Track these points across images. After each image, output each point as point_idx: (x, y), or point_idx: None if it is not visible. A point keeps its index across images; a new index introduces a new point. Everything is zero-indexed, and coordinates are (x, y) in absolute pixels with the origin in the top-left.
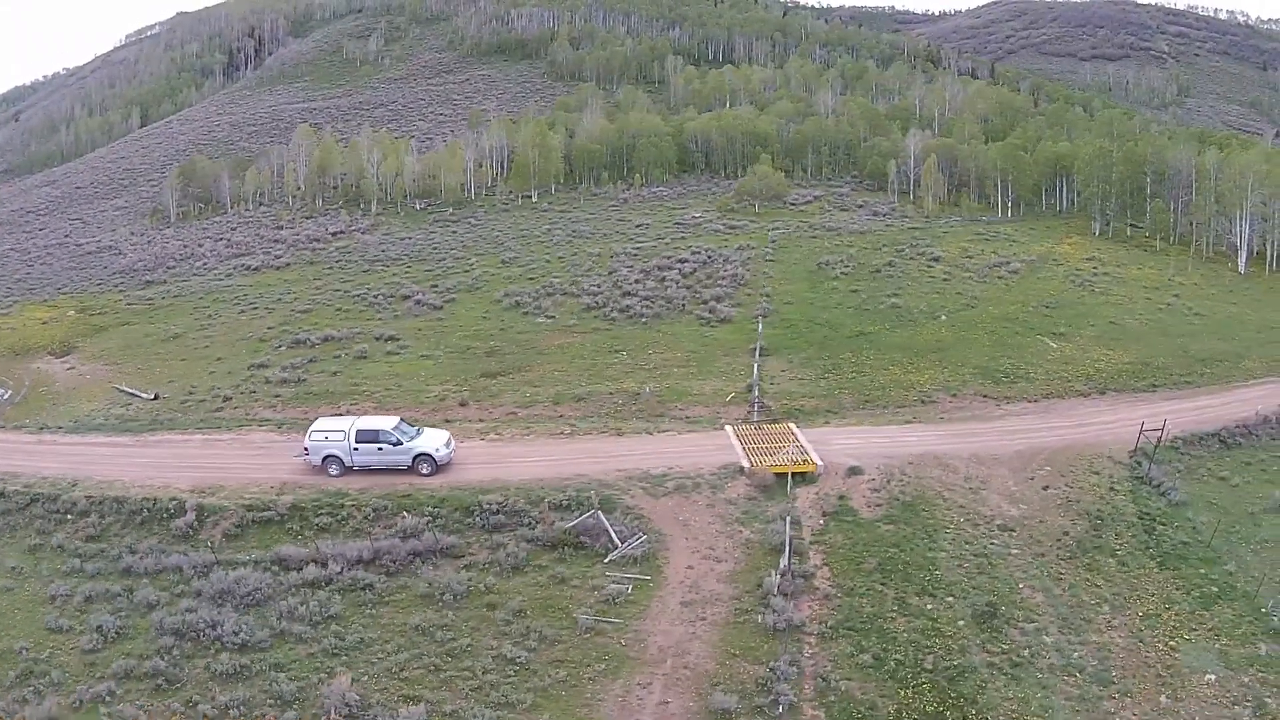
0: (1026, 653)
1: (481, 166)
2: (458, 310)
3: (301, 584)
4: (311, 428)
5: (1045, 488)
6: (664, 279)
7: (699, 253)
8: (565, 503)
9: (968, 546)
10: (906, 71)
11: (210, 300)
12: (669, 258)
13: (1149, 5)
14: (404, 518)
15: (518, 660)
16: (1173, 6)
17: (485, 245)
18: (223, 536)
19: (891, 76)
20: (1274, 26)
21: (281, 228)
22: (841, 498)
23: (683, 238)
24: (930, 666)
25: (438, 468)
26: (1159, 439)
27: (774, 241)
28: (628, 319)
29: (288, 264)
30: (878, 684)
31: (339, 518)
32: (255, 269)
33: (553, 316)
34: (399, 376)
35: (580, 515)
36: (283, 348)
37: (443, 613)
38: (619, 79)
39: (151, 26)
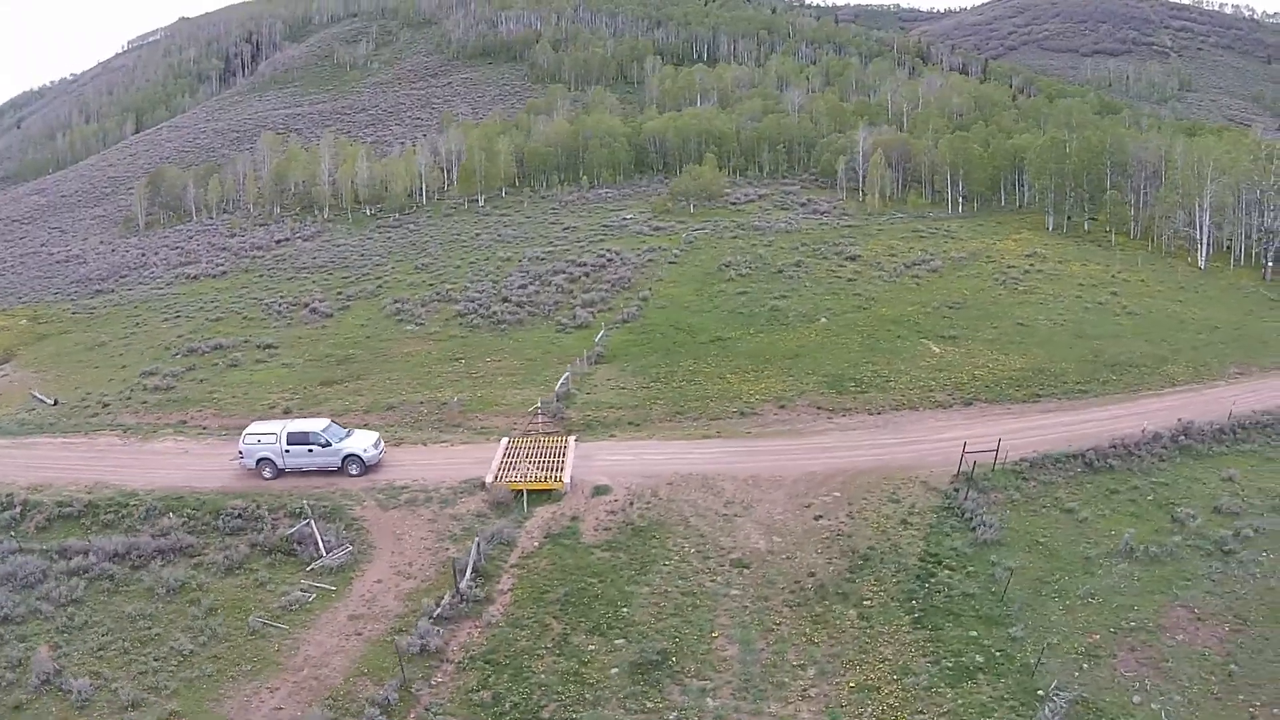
0: (674, 716)
1: (438, 171)
2: (345, 318)
3: (65, 571)
4: (245, 431)
5: (818, 517)
6: (550, 283)
7: (604, 256)
8: (299, 510)
9: (680, 583)
10: (887, 68)
11: (143, 309)
12: (570, 261)
13: (1153, 1)
14: (168, 518)
15: (184, 652)
16: (1177, 1)
17: (409, 251)
18: (35, 528)
19: (871, 73)
20: (1278, 21)
21: (233, 235)
22: (574, 519)
23: (601, 240)
24: (548, 715)
25: (366, 468)
26: (995, 461)
27: (690, 242)
28: (490, 325)
29: (225, 272)
30: None
31: (121, 515)
32: (195, 277)
33: (422, 324)
34: (252, 385)
35: (300, 523)
36: (178, 355)
37: (155, 604)
38: (597, 80)
39: (154, 33)
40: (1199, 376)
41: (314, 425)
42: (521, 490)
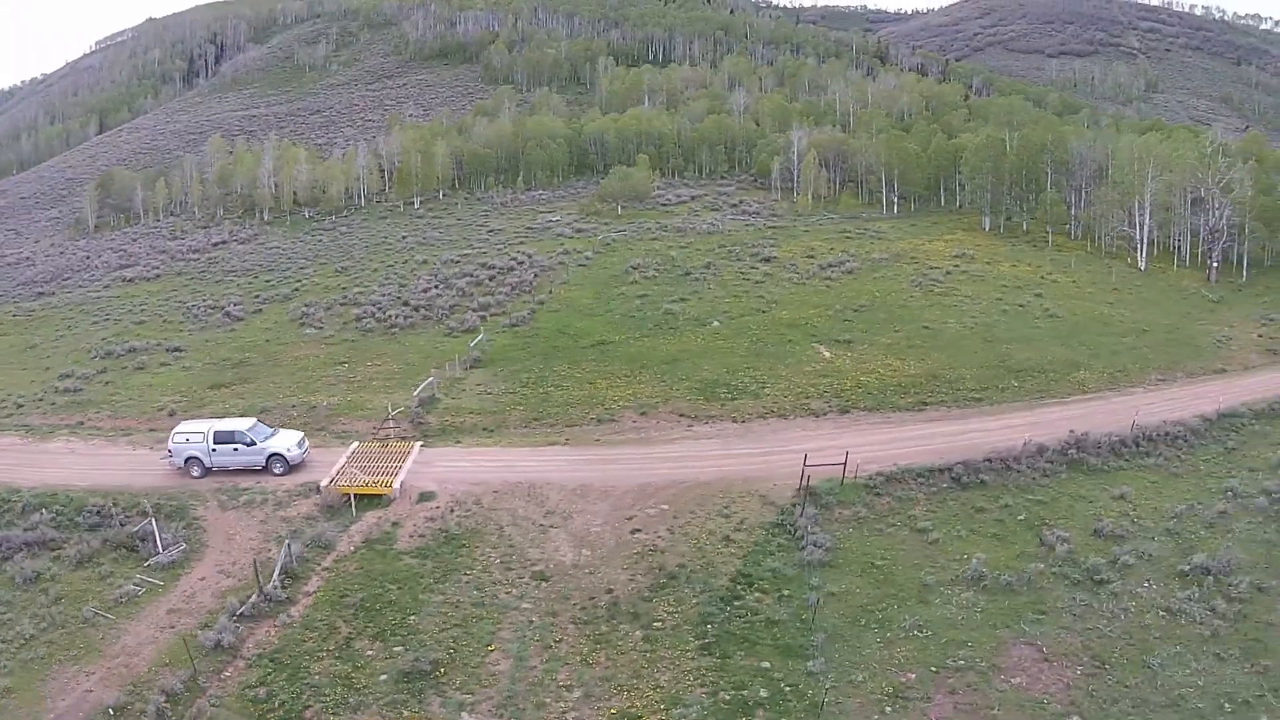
0: None
1: (378, 173)
2: (254, 322)
3: None
4: (174, 431)
5: (635, 531)
6: (453, 287)
7: (515, 259)
8: (149, 509)
9: (475, 593)
10: (841, 69)
11: (77, 312)
12: (481, 265)
13: (1121, 2)
14: (40, 514)
15: (26, 636)
16: (1145, 2)
17: (334, 254)
18: None
19: (825, 73)
20: (1250, 22)
21: (175, 238)
22: (395, 525)
23: (521, 243)
24: (310, 715)
25: (290, 467)
26: (843, 474)
27: (607, 244)
28: (383, 330)
29: (159, 275)
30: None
31: (3, 510)
32: (131, 280)
33: (321, 328)
34: (149, 388)
35: (143, 521)
36: (95, 358)
37: (12, 592)
38: (549, 81)
39: (122, 33)
40: (1114, 383)
41: (240, 425)
42: (351, 495)
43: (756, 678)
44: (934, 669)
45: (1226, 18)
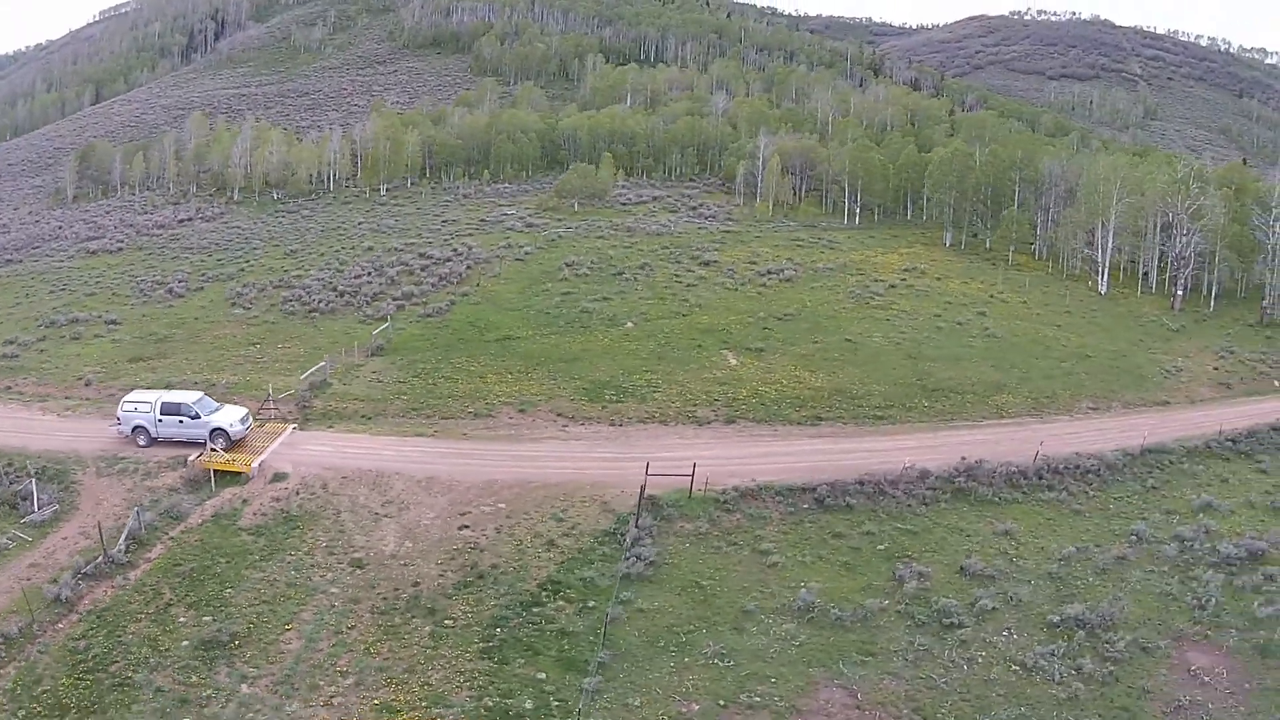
0: (207, 694)
1: (350, 159)
2: (192, 300)
3: None
4: (123, 400)
5: (463, 527)
6: (384, 274)
7: (457, 250)
8: (35, 471)
9: (293, 573)
10: (830, 77)
11: (38, 281)
12: (421, 254)
13: (1126, 28)
14: None
15: None
16: (1151, 30)
17: (289, 237)
18: None
19: (813, 81)
20: (1255, 55)
21: (145, 213)
22: (245, 502)
23: (469, 235)
24: (114, 669)
25: (232, 442)
26: (690, 487)
27: (552, 240)
28: (304, 313)
29: (122, 249)
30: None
31: None
32: (95, 253)
33: (249, 308)
34: (77, 358)
35: (27, 481)
36: (41, 326)
37: None
38: (537, 75)
39: (125, 3)
40: (1038, 409)
41: (186, 397)
42: (213, 470)
43: (527, 688)
44: (723, 703)
45: (1232, 50)
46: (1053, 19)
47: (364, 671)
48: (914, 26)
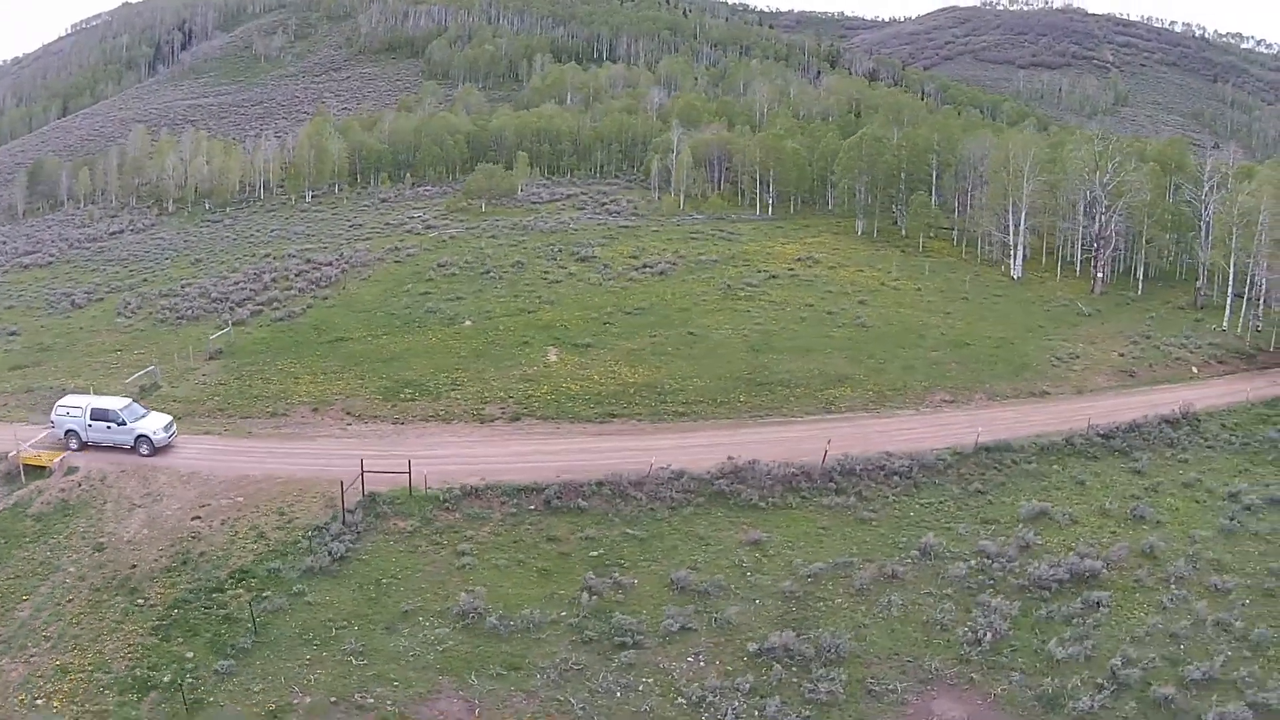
0: None
1: (281, 166)
2: (88, 311)
3: None
4: (57, 404)
5: (196, 518)
6: (260, 280)
7: (342, 254)
8: None
9: (48, 554)
10: (779, 70)
11: None
12: (306, 259)
13: (1098, 15)
14: None
15: None
16: (1124, 17)
17: (201, 247)
18: None
19: (759, 73)
20: (1230, 40)
21: (82, 227)
22: (40, 491)
23: (366, 239)
24: None
25: (155, 449)
26: (409, 484)
27: (442, 241)
28: (173, 320)
29: (52, 262)
30: None
31: None
32: (27, 267)
33: (129, 318)
34: None
35: None
36: None
37: None
38: (486, 76)
39: (97, 17)
40: (880, 403)
41: (114, 404)
42: (21, 465)
43: (173, 663)
44: (335, 699)
45: (1207, 35)
46: (1024, 9)
47: (62, 638)
48: (886, 20)
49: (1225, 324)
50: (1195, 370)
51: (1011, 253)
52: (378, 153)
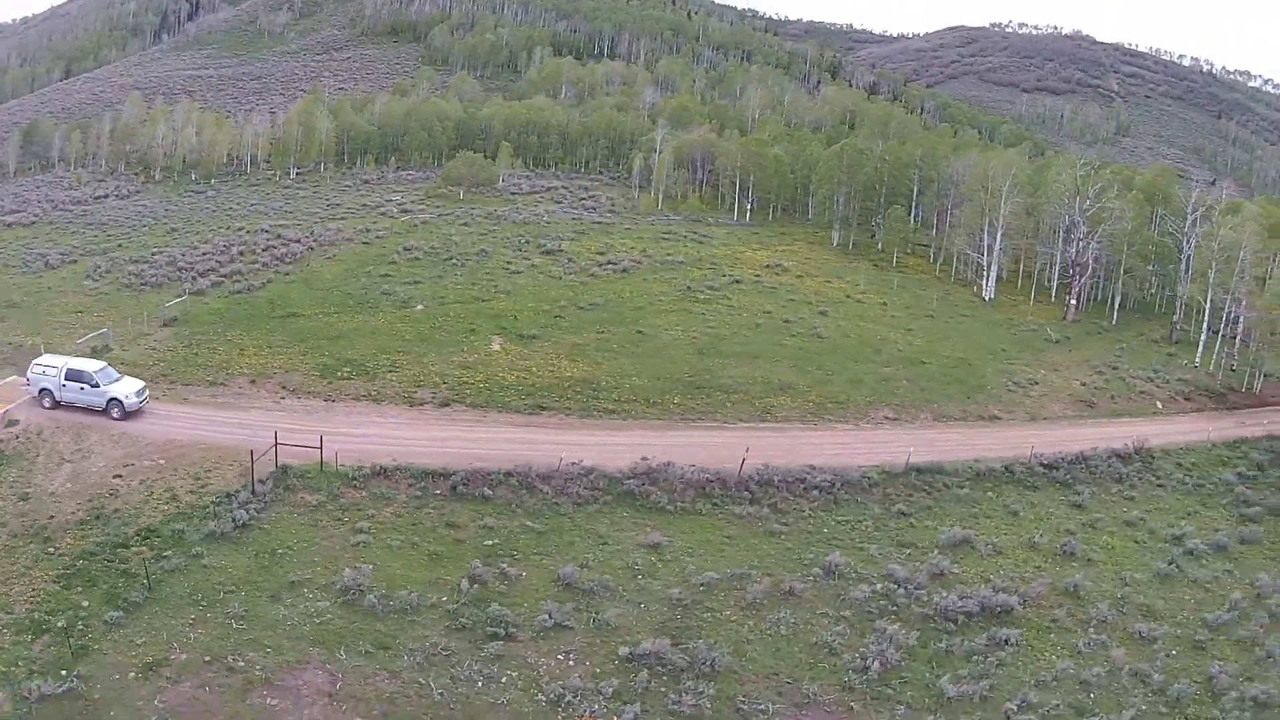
0: None
1: (270, 142)
2: (60, 272)
3: None
4: (34, 362)
5: (118, 476)
6: (227, 253)
7: (311, 232)
8: None
9: None
10: (774, 76)
11: None
12: (278, 235)
13: (1106, 44)
14: None
15: None
16: (1132, 48)
17: (179, 216)
18: None
19: (755, 79)
20: (1238, 77)
21: (68, 190)
22: None
23: (342, 219)
24: None
25: (126, 413)
26: (320, 460)
27: (415, 226)
28: (136, 286)
29: (35, 222)
30: None
31: None
32: (10, 225)
33: (96, 281)
34: None
35: None
36: None
37: None
38: (485, 65)
39: None
40: (817, 415)
41: (89, 366)
42: None
43: (69, 610)
44: (208, 659)
45: (1214, 71)
46: (1032, 32)
47: None
48: (894, 35)
49: (1198, 360)
50: (1160, 405)
51: (985, 273)
52: (366, 134)
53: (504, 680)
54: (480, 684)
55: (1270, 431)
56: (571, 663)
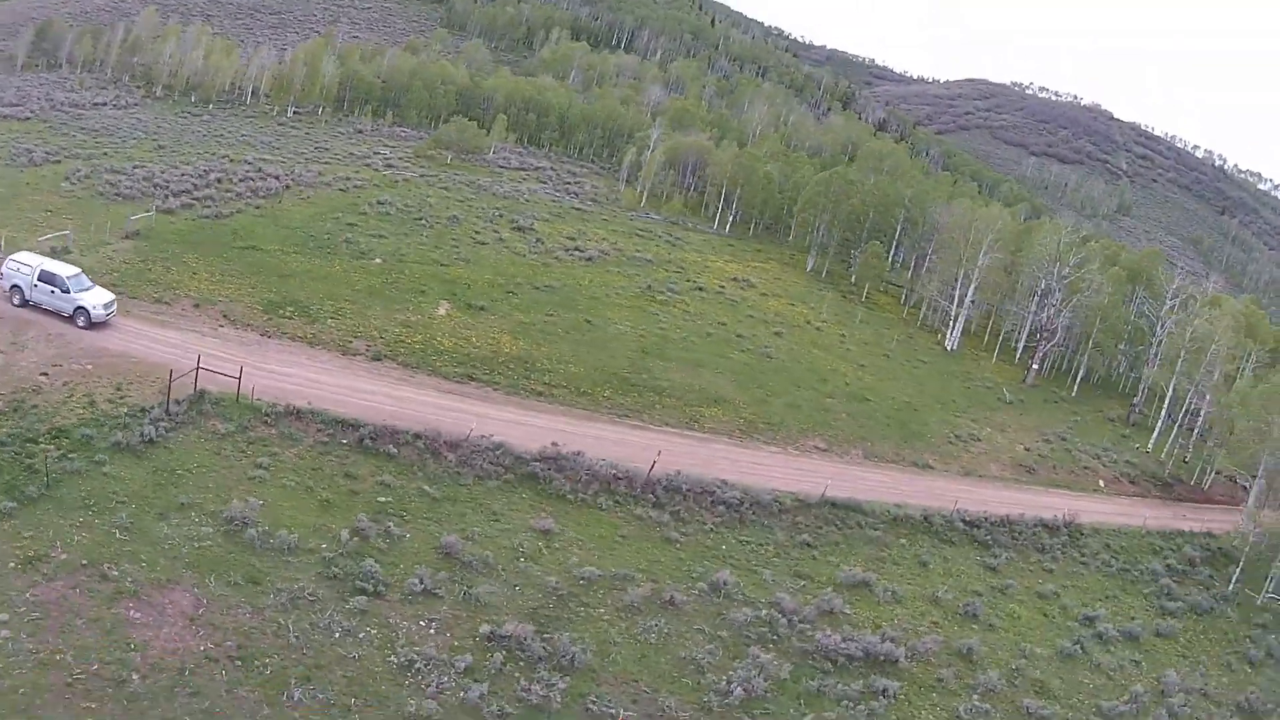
0: None
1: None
2: (41, 169)
3: None
4: (10, 257)
5: (44, 374)
6: (205, 179)
7: (299, 173)
8: None
9: None
10: (782, 96)
11: None
12: (258, 170)
13: (1124, 122)
14: None
15: None
16: (1148, 129)
17: (169, 135)
18: None
19: (764, 95)
20: (1249, 177)
21: (69, 92)
22: None
23: (327, 164)
24: None
25: (93, 323)
26: (238, 392)
27: (395, 182)
28: (109, 196)
29: (30, 118)
30: None
31: None
32: (6, 117)
33: (74, 185)
34: None
35: None
36: None
37: None
38: (500, 39)
39: None
40: (746, 432)
41: (64, 270)
42: None
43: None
44: (86, 562)
45: (1225, 167)
46: (1052, 98)
47: None
48: (914, 77)
49: (1151, 446)
50: (1102, 484)
51: (952, 323)
52: (369, 85)
53: (361, 636)
54: (337, 635)
55: (1210, 529)
56: (432, 631)
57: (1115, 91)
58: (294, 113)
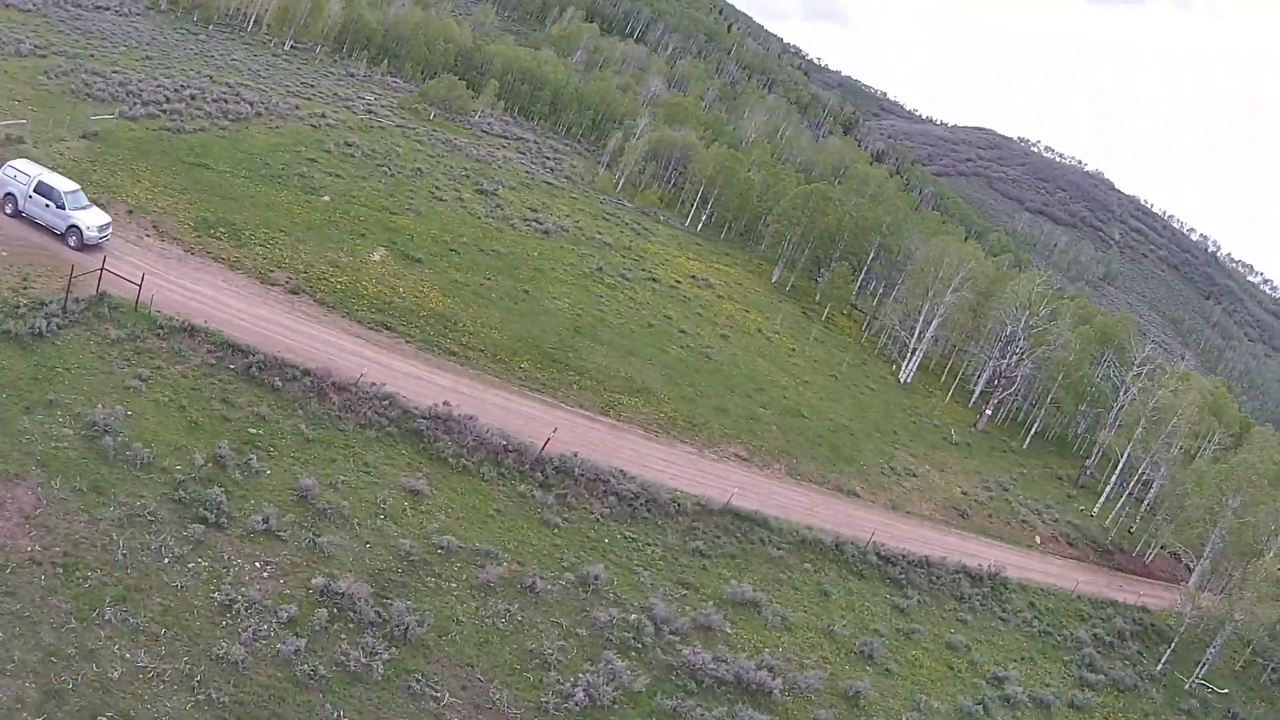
0: None
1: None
2: (28, 61)
3: None
4: (8, 163)
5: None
6: (181, 92)
7: (274, 103)
8: None
9: None
10: (784, 110)
11: None
12: (236, 95)
13: (1123, 194)
14: None
15: None
16: (1146, 204)
17: (161, 48)
18: None
19: (766, 106)
20: (1238, 267)
21: None
22: None
23: (307, 100)
24: None
25: (85, 245)
26: (138, 299)
27: (371, 128)
28: (85, 95)
29: (30, 11)
30: None
31: None
32: (7, 6)
33: (53, 79)
34: None
35: None
36: None
37: None
38: (514, 8)
39: None
40: (664, 427)
41: (62, 185)
42: None
43: None
44: None
45: (1218, 254)
46: (1055, 159)
47: None
48: (922, 116)
49: (1097, 510)
50: (1038, 540)
51: (909, 355)
52: (371, 30)
53: (190, 566)
54: (166, 561)
55: (1145, 604)
56: (265, 575)
57: (1120, 165)
58: (292, 47)
